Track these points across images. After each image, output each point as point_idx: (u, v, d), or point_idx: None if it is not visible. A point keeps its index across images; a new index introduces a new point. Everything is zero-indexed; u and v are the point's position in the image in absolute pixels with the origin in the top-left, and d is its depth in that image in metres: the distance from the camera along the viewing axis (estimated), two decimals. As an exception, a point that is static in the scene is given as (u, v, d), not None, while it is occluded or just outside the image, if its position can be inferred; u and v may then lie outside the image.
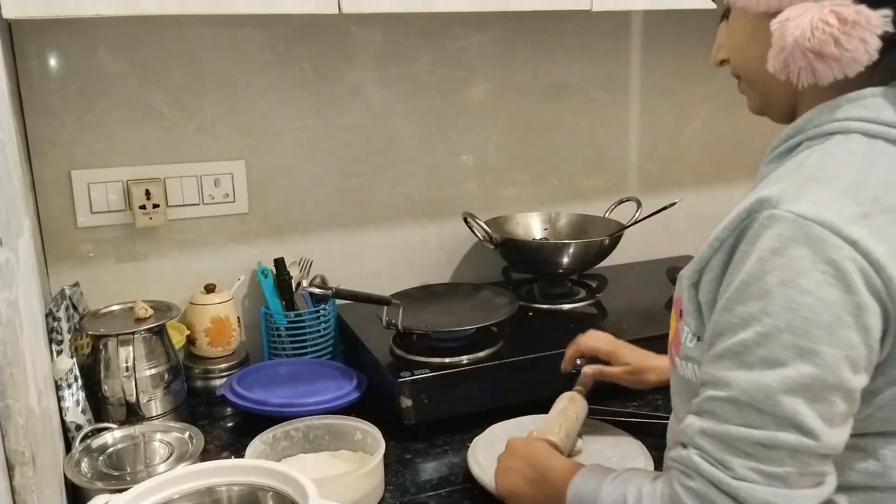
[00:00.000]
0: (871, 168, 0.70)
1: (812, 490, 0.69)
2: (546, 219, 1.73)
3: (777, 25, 0.72)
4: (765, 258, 0.68)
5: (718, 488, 0.70)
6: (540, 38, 1.67)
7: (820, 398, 0.67)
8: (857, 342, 0.66)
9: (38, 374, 0.97)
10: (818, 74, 0.71)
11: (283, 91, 1.50)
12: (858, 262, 0.65)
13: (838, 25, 0.68)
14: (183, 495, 0.90)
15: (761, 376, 0.68)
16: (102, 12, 1.06)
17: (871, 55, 0.69)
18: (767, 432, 0.68)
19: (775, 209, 0.68)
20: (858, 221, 0.66)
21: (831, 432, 0.68)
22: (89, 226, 1.42)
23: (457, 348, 1.31)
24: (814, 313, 0.66)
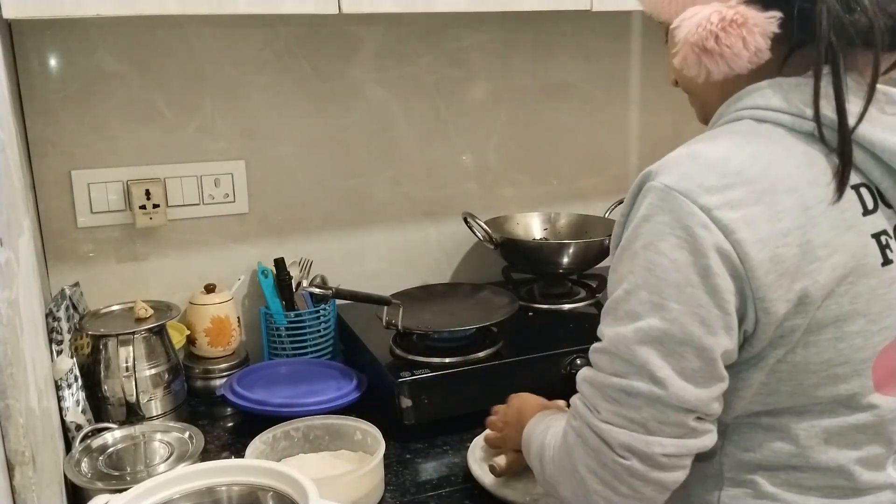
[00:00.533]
0: (745, 145, 0.76)
1: (672, 440, 0.74)
2: (546, 219, 1.73)
3: (675, 25, 0.80)
4: (638, 224, 0.75)
5: (591, 429, 0.77)
6: (540, 38, 1.68)
7: (671, 352, 0.72)
8: (704, 301, 0.71)
9: (38, 374, 0.97)
10: (709, 69, 0.78)
11: (283, 91, 1.50)
12: (709, 226, 0.71)
13: (717, 23, 0.75)
14: (183, 495, 0.90)
15: (622, 329, 0.75)
16: (102, 12, 1.06)
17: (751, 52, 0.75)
18: (627, 380, 0.74)
19: (652, 181, 0.75)
20: (717, 192, 0.72)
21: (684, 385, 0.73)
22: (89, 226, 1.42)
23: (457, 348, 1.31)
24: (665, 272, 0.72)
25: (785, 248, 0.72)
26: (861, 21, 0.74)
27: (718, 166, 0.73)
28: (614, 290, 0.77)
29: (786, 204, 0.72)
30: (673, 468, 0.75)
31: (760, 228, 0.71)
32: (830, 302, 0.74)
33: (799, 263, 0.72)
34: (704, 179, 0.72)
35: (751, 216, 0.71)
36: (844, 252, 0.73)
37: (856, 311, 0.75)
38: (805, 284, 0.72)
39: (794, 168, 0.74)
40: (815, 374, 0.76)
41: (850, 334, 0.75)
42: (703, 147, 0.77)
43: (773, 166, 0.74)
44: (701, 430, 0.75)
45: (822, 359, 0.75)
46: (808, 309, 0.73)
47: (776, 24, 0.75)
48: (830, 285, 0.73)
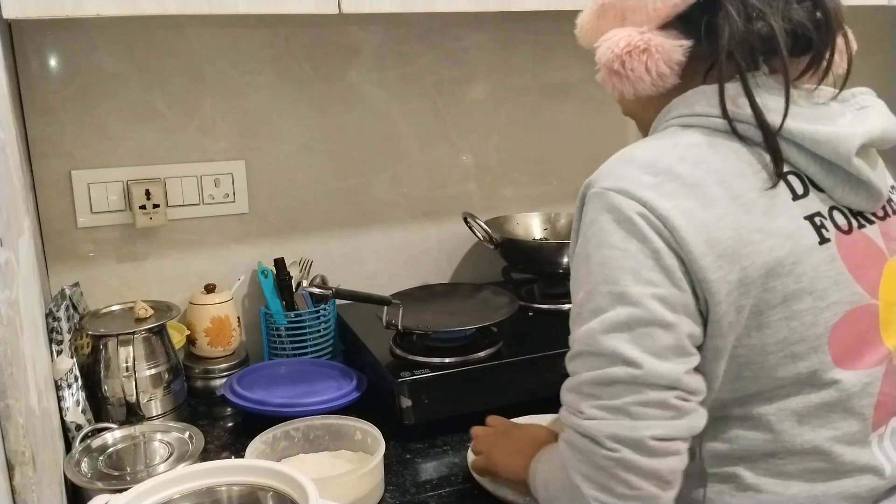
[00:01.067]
0: (673, 147, 0.81)
1: (658, 422, 0.74)
2: (546, 219, 1.73)
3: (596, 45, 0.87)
4: (585, 229, 0.80)
5: (577, 431, 0.77)
6: (540, 38, 1.68)
7: (640, 334, 0.74)
8: (660, 280, 0.75)
9: (38, 374, 0.97)
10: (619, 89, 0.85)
11: (283, 91, 1.50)
12: (648, 217, 0.76)
13: (623, 48, 0.83)
14: (183, 495, 0.90)
15: (590, 326, 0.77)
16: (102, 12, 1.06)
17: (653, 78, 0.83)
18: (602, 371, 0.75)
19: (593, 189, 0.81)
20: (651, 187, 0.77)
21: (658, 363, 0.74)
22: (89, 226, 1.42)
23: (457, 348, 1.31)
24: (619, 262, 0.76)
25: (719, 232, 0.76)
26: (763, 30, 0.80)
27: (651, 166, 0.79)
28: (575, 296, 0.81)
29: (716, 194, 0.77)
30: (665, 453, 0.74)
31: (694, 216, 0.76)
32: (775, 283, 0.77)
33: (736, 245, 0.76)
34: (638, 178, 0.78)
35: (685, 206, 0.76)
36: (779, 235, 0.77)
37: (802, 290, 0.78)
38: (744, 265, 0.76)
39: (720, 163, 0.79)
40: (773, 355, 0.78)
41: (799, 312, 0.78)
42: (634, 151, 0.82)
43: (701, 163, 0.79)
44: (686, 409, 0.75)
45: (777, 338, 0.78)
46: (749, 289, 0.76)
47: (682, 53, 0.82)
48: (769, 265, 0.76)
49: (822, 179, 0.82)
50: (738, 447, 0.81)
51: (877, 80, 0.98)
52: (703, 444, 0.83)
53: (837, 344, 0.80)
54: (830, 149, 0.79)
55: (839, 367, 0.80)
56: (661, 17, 0.83)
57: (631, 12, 0.85)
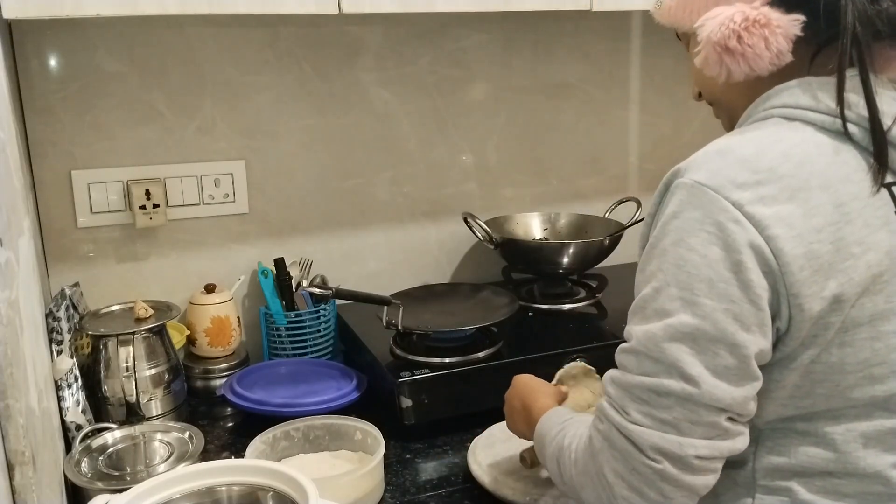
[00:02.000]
0: (776, 142, 0.75)
1: (705, 441, 0.72)
2: (546, 219, 1.73)
3: (699, 23, 0.80)
4: (666, 222, 0.75)
5: (619, 431, 0.75)
6: (540, 38, 1.68)
7: (704, 349, 0.71)
8: (737, 296, 0.71)
9: (38, 374, 0.97)
10: (730, 69, 0.78)
11: (283, 91, 1.50)
12: (742, 223, 0.70)
13: (741, 22, 0.75)
14: (183, 495, 0.90)
15: (652, 326, 0.73)
16: (102, 12, 1.06)
17: (773, 53, 0.76)
18: (657, 379, 0.73)
19: (681, 178, 0.75)
20: (749, 188, 0.71)
21: (717, 383, 0.71)
22: (89, 226, 1.42)
23: (457, 348, 1.31)
24: (696, 268, 0.71)
25: (819, 245, 0.71)
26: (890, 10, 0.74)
27: (750, 162, 0.73)
28: (642, 289, 0.76)
29: (819, 200, 0.72)
30: (704, 471, 0.73)
31: (794, 224, 0.71)
32: (865, 300, 0.73)
33: (833, 260, 0.71)
34: (736, 175, 0.72)
35: (784, 212, 0.71)
36: (878, 250, 0.73)
37: (891, 310, 0.74)
38: (840, 281, 0.71)
39: (825, 165, 0.73)
40: (851, 375, 0.74)
41: (885, 334, 0.74)
42: (732, 143, 0.76)
43: (806, 163, 0.73)
44: (733, 431, 0.74)
45: (858, 359, 0.74)
46: (842, 307, 0.72)
47: (799, 27, 0.75)
48: (865, 283, 0.72)
49: None
50: (797, 462, 0.78)
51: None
52: (758, 454, 0.79)
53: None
54: None
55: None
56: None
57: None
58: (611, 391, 0.78)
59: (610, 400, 0.77)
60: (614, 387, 0.77)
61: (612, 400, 0.77)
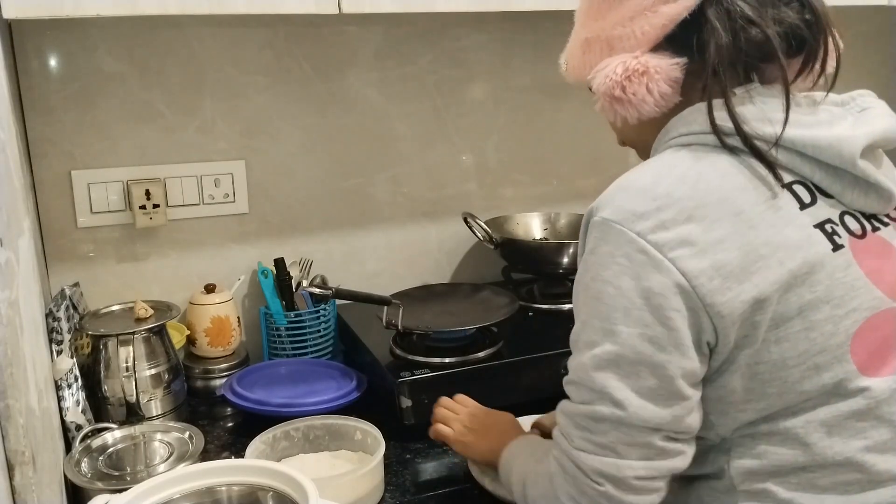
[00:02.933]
0: (670, 168, 0.80)
1: (642, 462, 0.77)
2: (546, 219, 1.73)
3: (590, 77, 0.86)
4: (586, 258, 0.81)
5: (567, 456, 0.81)
6: (540, 38, 1.68)
7: (628, 373, 0.76)
8: (649, 321, 0.75)
9: (38, 374, 0.97)
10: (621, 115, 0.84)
11: (283, 91, 1.50)
12: (647, 251, 0.75)
13: (622, 73, 0.82)
14: (183, 495, 0.90)
15: (581, 358, 0.79)
16: (102, 12, 1.06)
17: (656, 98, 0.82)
18: (592, 407, 0.78)
19: (594, 217, 0.80)
20: (650, 216, 0.76)
21: (643, 404, 0.76)
22: (89, 226, 1.42)
23: (457, 348, 1.31)
24: (612, 299, 0.77)
25: (724, 254, 0.75)
26: (757, 36, 0.79)
27: (647, 191, 0.78)
28: (576, 322, 0.82)
29: (718, 214, 0.76)
30: (646, 491, 0.78)
31: (696, 241, 0.75)
32: (790, 295, 0.76)
33: (743, 264, 0.75)
34: (636, 207, 0.77)
35: (685, 232, 0.75)
36: (788, 246, 0.76)
37: (818, 299, 0.77)
38: (755, 282, 0.75)
39: (720, 179, 0.78)
40: (795, 369, 0.77)
41: (818, 322, 0.77)
42: (632, 177, 0.82)
43: (700, 182, 0.78)
44: (671, 450, 0.78)
45: (797, 351, 0.77)
46: (764, 305, 0.75)
47: (680, 70, 0.81)
48: (784, 279, 0.75)
49: (830, 185, 0.80)
50: (769, 462, 0.79)
51: (876, 80, 0.98)
52: (731, 461, 0.81)
53: (861, 351, 0.78)
54: (833, 153, 0.79)
55: (865, 375, 0.78)
56: (651, 40, 0.82)
57: (618, 41, 0.84)
58: (560, 419, 0.84)
59: (560, 428, 0.84)
60: (562, 415, 0.83)
61: (560, 428, 0.83)
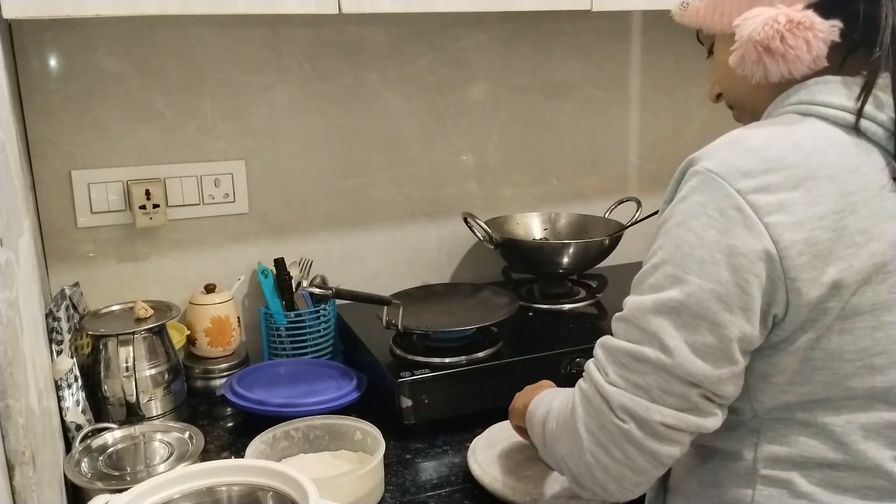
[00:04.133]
0: (787, 134, 0.77)
1: (673, 411, 0.76)
2: (546, 219, 1.73)
3: (738, 22, 0.80)
4: (675, 205, 0.78)
5: (597, 389, 0.80)
6: (540, 38, 1.68)
7: (686, 324, 0.75)
8: (725, 279, 0.73)
9: (38, 374, 0.97)
10: (767, 69, 0.79)
11: (283, 91, 1.50)
12: (743, 209, 0.73)
13: (785, 24, 0.76)
14: (183, 495, 0.90)
15: (644, 298, 0.78)
16: (102, 12, 1.06)
17: (813, 56, 0.77)
18: (638, 346, 0.77)
19: (694, 166, 0.78)
20: (756, 176, 0.74)
21: (692, 358, 0.75)
22: (89, 226, 1.42)
23: (457, 348, 1.31)
24: (692, 248, 0.75)
25: (820, 231, 0.73)
26: None
27: (759, 151, 0.75)
28: (644, 265, 0.80)
29: (825, 189, 0.73)
30: (669, 441, 0.77)
31: (796, 211, 0.73)
32: (867, 289, 0.74)
33: (833, 247, 0.73)
34: (744, 164, 0.74)
35: (788, 200, 0.73)
36: (882, 240, 0.74)
37: (894, 301, 0.75)
38: (840, 268, 0.73)
39: (834, 156, 0.75)
40: (850, 364, 0.76)
41: (887, 324, 0.75)
42: (745, 133, 0.78)
43: (815, 154, 0.75)
44: (704, 408, 0.77)
45: (858, 347, 0.75)
46: (842, 293, 0.73)
47: (837, 33, 0.77)
48: (867, 271, 0.74)
49: None
50: (798, 453, 0.79)
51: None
52: (759, 444, 0.81)
53: None
54: None
55: None
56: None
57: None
58: (598, 353, 0.83)
59: (595, 361, 0.82)
60: (601, 349, 0.82)
61: (597, 361, 0.82)
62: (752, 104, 0.88)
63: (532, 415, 0.96)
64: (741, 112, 0.92)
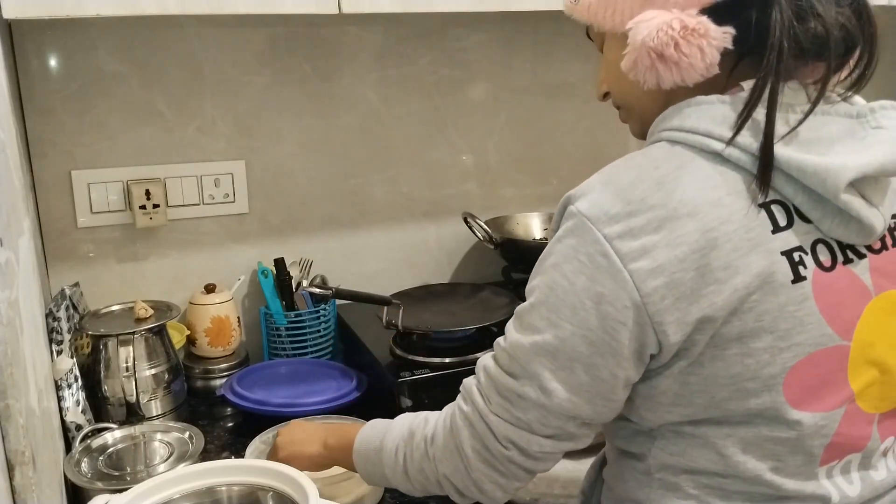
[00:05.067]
0: (652, 170, 0.76)
1: (550, 441, 0.81)
2: (546, 219, 1.73)
3: (631, 26, 0.78)
4: (553, 243, 0.79)
5: (480, 416, 0.83)
6: (540, 38, 1.68)
7: (562, 366, 0.77)
8: (594, 325, 0.75)
9: (38, 374, 0.97)
10: (660, 76, 0.77)
11: (283, 91, 1.50)
12: (609, 256, 0.73)
13: (679, 30, 0.74)
14: (183, 495, 0.90)
15: (522, 338, 0.79)
16: (102, 12, 1.06)
17: (706, 64, 0.75)
18: (519, 384, 0.79)
19: (571, 205, 0.77)
20: (621, 220, 0.73)
21: (570, 397, 0.78)
22: (89, 226, 1.42)
23: (457, 348, 1.31)
24: (564, 294, 0.76)
25: (681, 273, 0.72)
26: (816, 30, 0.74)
27: (625, 192, 0.74)
28: (527, 298, 0.81)
29: (686, 228, 0.72)
30: (544, 460, 0.83)
31: (658, 255, 0.72)
32: (734, 319, 0.73)
33: (695, 286, 0.72)
34: (611, 207, 0.74)
35: (650, 244, 0.72)
36: (747, 273, 0.73)
37: (761, 328, 0.74)
38: (702, 306, 0.72)
39: (696, 191, 0.74)
40: (724, 388, 0.76)
41: (756, 350, 0.74)
42: (616, 172, 0.78)
43: (676, 192, 0.74)
44: (579, 434, 0.82)
45: (729, 373, 0.75)
46: (708, 326, 0.73)
47: (730, 40, 0.75)
48: (732, 304, 0.73)
49: (810, 210, 0.75)
50: (686, 462, 0.80)
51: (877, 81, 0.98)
52: (653, 452, 0.83)
53: (795, 385, 0.76)
54: (817, 181, 0.74)
55: (795, 409, 0.76)
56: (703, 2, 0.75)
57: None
58: (481, 377, 0.84)
59: (479, 385, 0.84)
60: (485, 375, 0.84)
61: (480, 386, 0.84)
62: (640, 107, 0.87)
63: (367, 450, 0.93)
64: (628, 114, 0.91)
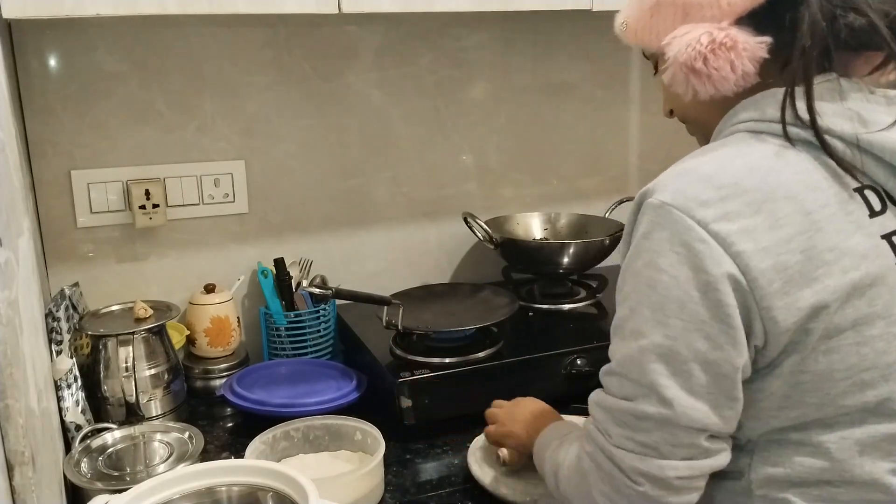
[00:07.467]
0: (737, 157, 0.76)
1: (686, 462, 0.75)
2: (546, 219, 1.73)
3: (665, 41, 0.80)
4: (638, 243, 0.76)
5: (604, 454, 0.78)
6: (540, 38, 1.67)
7: (678, 370, 0.73)
8: (706, 316, 0.72)
9: (38, 374, 0.97)
10: (696, 89, 0.79)
11: (283, 91, 1.50)
12: (708, 241, 0.71)
13: (707, 45, 0.76)
14: (183, 495, 0.90)
15: (628, 348, 0.76)
16: (102, 12, 1.06)
17: (739, 75, 0.77)
18: (635, 404, 0.75)
19: (649, 199, 0.75)
20: (713, 205, 0.72)
21: (693, 404, 0.73)
22: (89, 226, 1.42)
23: (457, 348, 1.31)
24: (667, 289, 0.73)
25: (788, 255, 0.71)
26: (855, 23, 0.75)
27: (712, 179, 0.74)
28: (619, 309, 0.78)
29: (786, 210, 0.72)
30: (686, 490, 0.76)
31: (761, 238, 0.71)
32: (847, 306, 0.72)
33: (804, 269, 0.71)
34: (699, 193, 0.73)
35: (750, 226, 0.71)
36: (854, 255, 0.72)
37: (875, 314, 0.73)
38: (816, 290, 0.71)
39: (791, 175, 0.74)
40: (840, 382, 0.74)
41: (871, 338, 0.74)
42: (694, 163, 0.77)
43: (771, 174, 0.74)
44: (714, 449, 0.76)
45: (846, 365, 0.74)
46: (822, 314, 0.72)
47: (766, 50, 0.76)
48: (844, 288, 0.72)
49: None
50: (793, 472, 0.77)
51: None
52: (753, 466, 0.79)
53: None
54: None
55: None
56: (737, 12, 0.77)
57: (696, 8, 0.79)
58: (595, 413, 0.81)
59: (595, 422, 0.80)
60: (598, 409, 0.80)
61: (596, 422, 0.80)
62: (698, 119, 0.89)
63: (540, 457, 0.97)
64: (693, 128, 0.92)
